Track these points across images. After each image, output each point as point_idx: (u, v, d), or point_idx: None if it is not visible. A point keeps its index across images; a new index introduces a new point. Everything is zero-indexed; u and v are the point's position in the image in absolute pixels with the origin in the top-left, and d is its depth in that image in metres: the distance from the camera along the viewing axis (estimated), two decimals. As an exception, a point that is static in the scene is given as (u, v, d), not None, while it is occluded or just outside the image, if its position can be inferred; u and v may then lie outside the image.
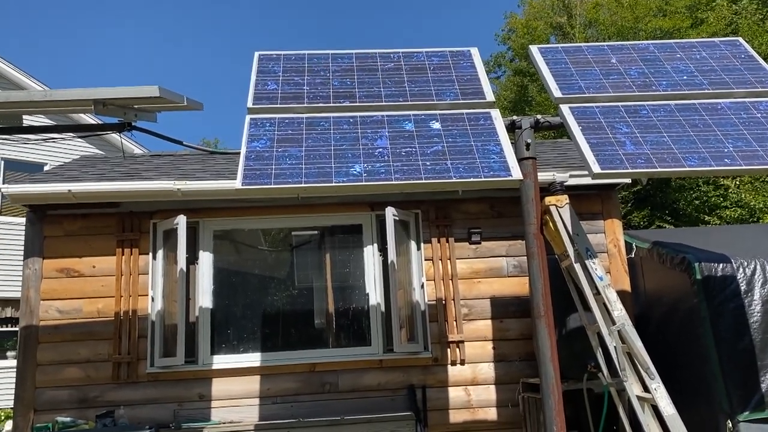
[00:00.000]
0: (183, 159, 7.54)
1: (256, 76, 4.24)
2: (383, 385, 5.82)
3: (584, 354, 4.91)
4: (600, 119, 3.93)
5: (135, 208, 5.99)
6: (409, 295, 5.96)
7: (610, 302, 3.96)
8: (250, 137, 3.70)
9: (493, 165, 3.51)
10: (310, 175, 3.41)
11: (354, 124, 3.83)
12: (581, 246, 4.09)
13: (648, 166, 3.57)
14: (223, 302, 6.16)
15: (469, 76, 4.30)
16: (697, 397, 5.08)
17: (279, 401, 5.74)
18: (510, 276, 6.14)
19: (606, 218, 6.25)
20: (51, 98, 4.18)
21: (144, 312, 5.84)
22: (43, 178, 6.44)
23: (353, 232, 6.26)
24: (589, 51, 4.61)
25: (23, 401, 5.62)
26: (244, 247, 6.61)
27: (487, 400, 5.87)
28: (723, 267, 5.03)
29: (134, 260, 5.93)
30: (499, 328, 6.01)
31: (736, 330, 4.87)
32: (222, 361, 5.83)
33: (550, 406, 3.70)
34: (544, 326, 3.78)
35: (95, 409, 5.56)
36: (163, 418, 5.61)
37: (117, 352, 5.73)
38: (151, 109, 4.55)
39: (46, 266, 5.88)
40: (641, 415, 3.82)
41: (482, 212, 6.24)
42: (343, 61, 4.42)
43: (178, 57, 66.56)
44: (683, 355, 5.34)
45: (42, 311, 5.80)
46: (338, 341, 6.22)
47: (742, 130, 3.84)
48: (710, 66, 4.42)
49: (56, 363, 5.71)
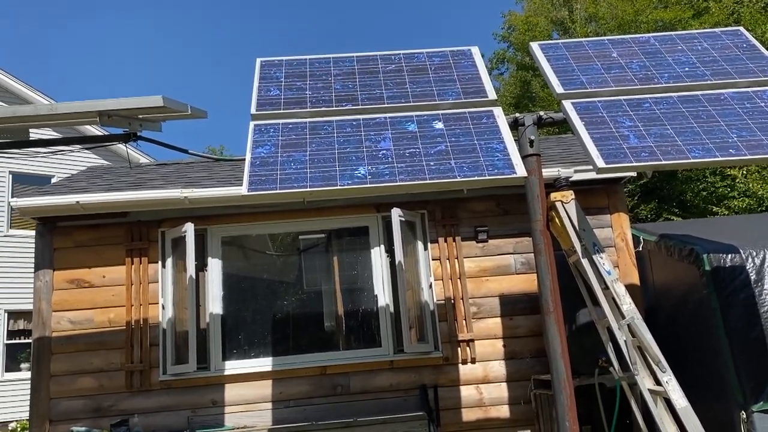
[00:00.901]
0: (189, 167, 7.58)
1: (258, 82, 4.27)
2: (395, 386, 5.83)
3: (595, 349, 4.91)
4: (603, 114, 3.93)
5: (143, 217, 6.03)
6: (417, 295, 5.97)
7: (619, 296, 3.96)
8: (255, 143, 3.72)
9: (497, 163, 3.52)
10: (315, 179, 3.43)
11: (357, 126, 3.85)
12: (588, 241, 4.09)
13: (652, 159, 3.56)
14: (233, 308, 6.19)
15: (471, 75, 4.31)
16: (710, 389, 5.07)
17: (292, 405, 5.76)
18: (518, 273, 6.14)
19: (612, 212, 6.25)
20: (57, 111, 4.22)
21: (155, 320, 5.88)
22: (51, 190, 6.49)
23: (360, 234, 6.28)
24: (590, 46, 4.61)
25: (38, 412, 5.67)
26: (252, 253, 6.64)
27: (499, 398, 5.87)
28: (732, 257, 5.01)
29: (144, 269, 5.97)
30: (508, 326, 6.01)
31: (747, 320, 4.85)
32: (234, 367, 5.85)
33: (562, 402, 3.70)
34: (554, 322, 3.78)
35: (110, 418, 5.60)
36: (177, 425, 5.65)
37: (129, 361, 5.77)
38: (155, 118, 4.58)
39: (56, 278, 5.93)
40: (654, 409, 3.82)
41: (488, 210, 6.25)
42: (345, 64, 4.44)
43: (180, 64, 66.87)
44: (694, 348, 5.33)
45: (54, 322, 5.84)
46: (348, 343, 6.23)
47: (746, 119, 3.83)
48: (712, 57, 4.42)
49: (70, 373, 5.75)
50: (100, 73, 60.61)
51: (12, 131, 4.43)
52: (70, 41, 60.70)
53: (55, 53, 58.94)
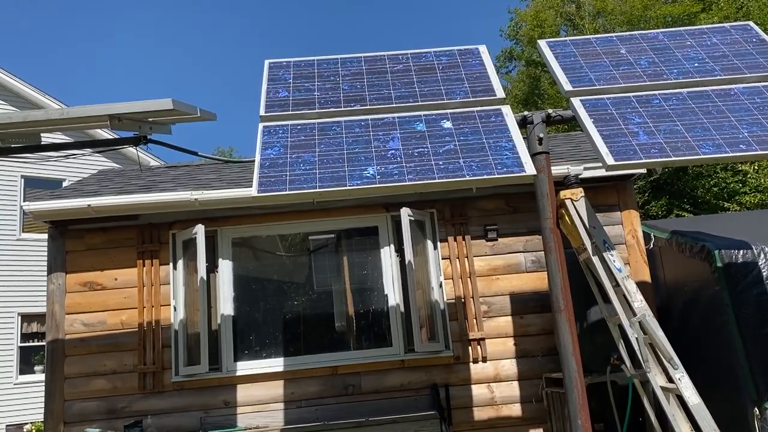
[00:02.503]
0: (199, 169, 7.62)
1: (267, 84, 4.29)
2: (406, 386, 5.84)
3: (606, 346, 4.90)
4: (612, 111, 3.92)
5: (154, 219, 6.06)
6: (427, 294, 5.97)
7: (630, 293, 3.95)
8: (264, 145, 3.74)
9: (506, 161, 3.52)
10: (324, 179, 3.44)
11: (366, 127, 3.85)
12: (598, 238, 4.08)
13: (662, 156, 3.55)
14: (244, 309, 6.22)
15: (479, 73, 4.31)
16: (722, 386, 5.04)
17: (303, 405, 5.78)
18: (528, 271, 6.12)
19: (623, 209, 6.22)
20: (68, 116, 4.25)
21: (167, 322, 5.92)
22: (62, 194, 6.54)
23: (369, 234, 6.28)
24: (598, 42, 4.59)
25: (53, 414, 5.72)
26: (262, 254, 6.66)
27: (510, 397, 5.86)
28: (744, 253, 4.98)
29: (155, 271, 6.00)
30: (519, 324, 6.00)
31: (760, 316, 4.82)
32: (245, 368, 5.88)
33: (574, 400, 3.70)
34: (565, 320, 3.77)
35: (123, 420, 5.64)
36: (189, 425, 5.68)
37: (142, 363, 5.81)
38: (165, 121, 4.60)
39: (69, 281, 5.98)
40: (666, 406, 3.80)
41: (498, 209, 6.24)
42: (352, 65, 4.45)
43: (190, 67, 67.10)
44: (706, 344, 5.30)
45: (67, 325, 5.89)
46: (359, 343, 6.24)
47: (757, 115, 3.80)
48: (722, 52, 4.39)
49: (83, 375, 5.80)
50: (105, 77, 60.94)
51: (24, 136, 4.47)
52: (68, 40, 61.06)
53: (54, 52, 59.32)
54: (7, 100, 15.33)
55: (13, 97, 15.39)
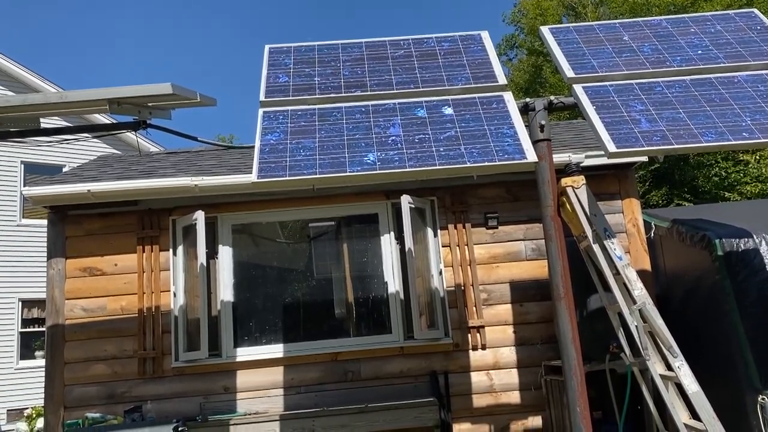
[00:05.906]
0: (199, 155, 7.59)
1: (267, 69, 4.26)
2: (405, 372, 5.85)
3: (606, 335, 4.90)
4: (614, 98, 3.90)
5: (154, 205, 6.05)
6: (427, 282, 5.97)
7: (630, 282, 3.94)
8: (264, 130, 3.72)
9: (508, 148, 3.50)
10: (325, 165, 3.42)
11: (366, 113, 3.83)
12: (599, 226, 4.07)
13: (664, 143, 3.53)
14: (244, 295, 6.22)
15: (480, 59, 4.28)
16: (722, 374, 5.04)
17: (303, 391, 5.79)
18: (528, 259, 6.12)
19: (624, 198, 6.21)
20: (67, 99, 4.23)
21: (167, 307, 5.92)
22: (62, 179, 6.53)
23: (370, 222, 6.27)
24: (601, 29, 4.56)
25: (53, 399, 5.74)
26: (262, 240, 6.66)
27: (509, 384, 5.88)
28: (744, 242, 4.97)
29: (155, 257, 6.00)
30: (519, 312, 6.01)
31: (761, 305, 4.82)
32: (245, 354, 5.89)
33: (572, 388, 3.70)
34: (565, 308, 3.77)
35: (123, 405, 5.66)
36: (189, 411, 5.70)
37: (142, 348, 5.82)
38: (165, 106, 4.58)
39: (69, 266, 5.98)
40: (665, 394, 3.81)
41: (498, 196, 6.22)
42: (353, 50, 4.41)
43: (190, 52, 66.85)
44: (706, 333, 5.30)
45: (67, 310, 5.90)
46: (359, 330, 6.26)
47: (760, 102, 3.78)
48: (725, 39, 4.35)
49: (83, 360, 5.81)
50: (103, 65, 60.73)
51: (23, 120, 4.45)
52: (66, 37, 60.79)
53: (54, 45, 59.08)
54: (5, 85, 15.28)
55: (10, 81, 15.34)
